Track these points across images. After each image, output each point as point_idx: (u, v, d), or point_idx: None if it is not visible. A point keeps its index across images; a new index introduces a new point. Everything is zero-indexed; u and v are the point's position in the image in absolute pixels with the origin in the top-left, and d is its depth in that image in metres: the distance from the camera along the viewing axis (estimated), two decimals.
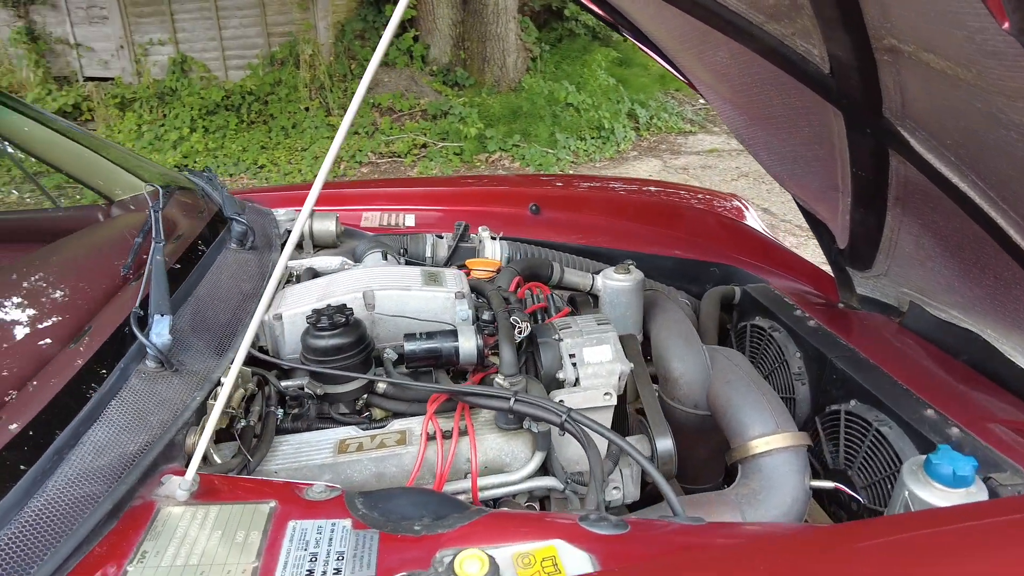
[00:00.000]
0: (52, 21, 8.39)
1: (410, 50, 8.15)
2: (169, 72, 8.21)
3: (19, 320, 1.16)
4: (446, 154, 7.15)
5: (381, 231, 2.05)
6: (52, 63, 8.53)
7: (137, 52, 8.30)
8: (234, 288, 1.42)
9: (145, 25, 8.23)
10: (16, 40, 8.34)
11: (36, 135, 2.02)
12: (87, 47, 8.43)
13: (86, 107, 8.10)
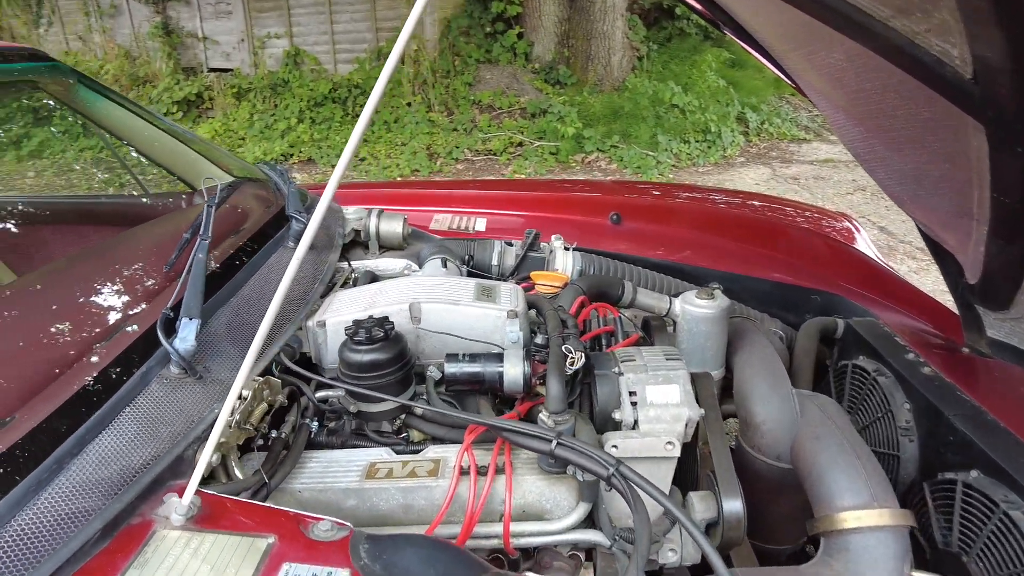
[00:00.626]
0: (185, 16, 8.97)
1: (513, 47, 8.10)
2: (283, 64, 8.57)
3: (61, 313, 1.14)
4: (541, 153, 7.04)
5: (449, 235, 1.96)
6: (182, 55, 9.12)
7: (255, 45, 8.72)
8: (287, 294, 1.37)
9: (264, 19, 8.63)
10: (153, 34, 8.97)
11: (129, 124, 2.07)
12: (213, 40, 8.95)
13: (207, 96, 8.60)
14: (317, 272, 1.50)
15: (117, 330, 1.10)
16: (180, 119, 8.48)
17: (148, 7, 8.98)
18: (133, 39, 9.28)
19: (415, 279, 1.38)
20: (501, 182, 2.42)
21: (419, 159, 6.97)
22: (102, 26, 9.39)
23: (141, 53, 9.23)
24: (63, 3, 9.67)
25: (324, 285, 1.47)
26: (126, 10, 9.23)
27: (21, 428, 0.87)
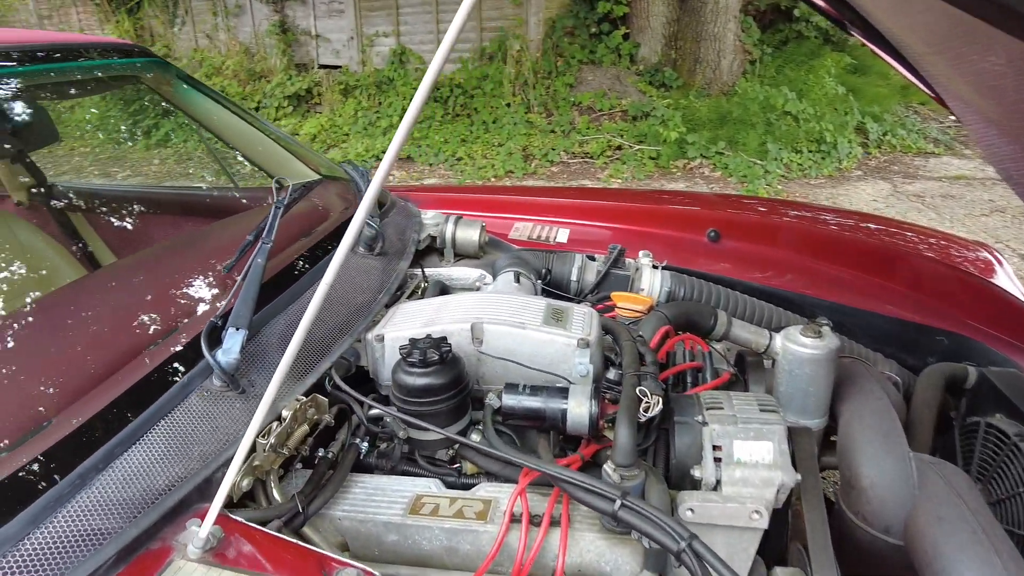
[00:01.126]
0: (300, 15, 9.35)
1: (618, 48, 7.89)
2: (389, 62, 8.76)
3: (122, 312, 1.12)
4: (641, 158, 6.81)
5: (528, 245, 1.84)
6: (295, 52, 9.51)
7: (364, 43, 8.95)
8: (345, 299, 1.30)
9: (374, 18, 8.85)
10: (271, 32, 9.42)
11: (223, 119, 2.10)
12: (325, 38, 9.28)
13: (316, 92, 8.92)
14: (384, 280, 1.42)
15: (168, 334, 1.06)
16: (290, 113, 8.85)
17: (268, 6, 9.43)
18: (253, 36, 9.78)
19: (481, 296, 1.28)
20: (589, 191, 2.28)
21: (514, 160, 6.91)
22: (227, 24, 9.96)
23: (259, 50, 9.71)
24: (195, 4, 10.33)
25: (390, 295, 1.39)
26: (249, 10, 9.73)
27: (53, 436, 0.83)
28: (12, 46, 1.75)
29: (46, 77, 1.83)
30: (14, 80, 1.85)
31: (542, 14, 8.05)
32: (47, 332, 1.04)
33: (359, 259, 1.45)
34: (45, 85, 1.94)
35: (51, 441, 0.81)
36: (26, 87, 1.98)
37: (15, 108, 2.43)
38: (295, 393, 1.03)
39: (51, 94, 2.02)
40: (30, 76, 1.80)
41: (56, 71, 1.83)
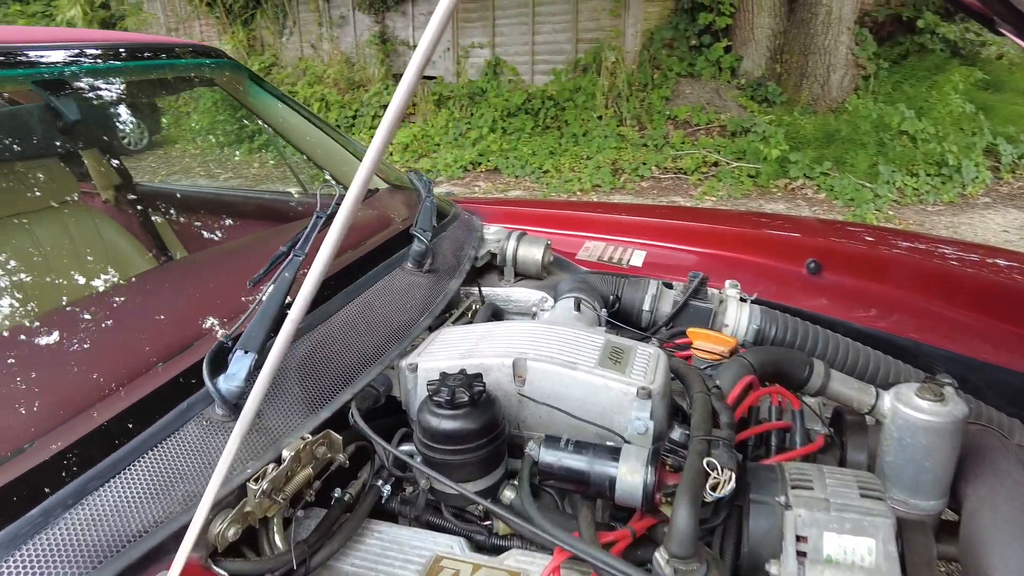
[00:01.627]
0: (399, 26, 9.55)
1: (719, 61, 7.55)
2: (483, 74, 8.78)
3: (141, 323, 1.05)
4: (738, 175, 6.44)
5: (598, 267, 1.67)
6: (393, 62, 9.73)
7: (459, 54, 9.02)
8: (382, 320, 1.18)
9: (470, 29, 8.91)
10: (371, 42, 9.67)
11: (292, 122, 2.06)
12: None
13: (411, 102, 9.05)
14: (430, 300, 1.29)
15: (183, 350, 0.97)
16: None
17: (369, 17, 9.70)
18: (354, 47, 10.08)
19: (531, 326, 1.12)
20: (671, 209, 2.07)
21: (602, 174, 6.72)
22: (331, 35, 10.32)
23: (359, 60, 9.99)
24: (303, 15, 10.79)
25: (434, 317, 1.26)
26: (352, 20, 10.05)
27: (24, 463, 0.74)
28: (91, 44, 1.76)
29: (125, 75, 1.84)
30: (97, 78, 1.87)
31: (640, 25, 7.84)
32: (56, 341, 0.97)
33: (405, 275, 1.33)
34: (125, 83, 1.96)
35: (20, 469, 0.72)
36: (108, 84, 2.01)
37: (100, 106, 2.49)
38: (305, 428, 0.91)
39: (132, 92, 2.03)
40: (110, 73, 1.81)
41: (134, 69, 1.84)
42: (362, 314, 1.15)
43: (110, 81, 1.81)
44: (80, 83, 1.80)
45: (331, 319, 1.11)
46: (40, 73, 1.48)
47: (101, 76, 1.77)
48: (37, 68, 1.62)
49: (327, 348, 1.05)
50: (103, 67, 1.68)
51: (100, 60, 1.73)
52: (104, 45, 1.69)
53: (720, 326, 1.44)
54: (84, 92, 1.98)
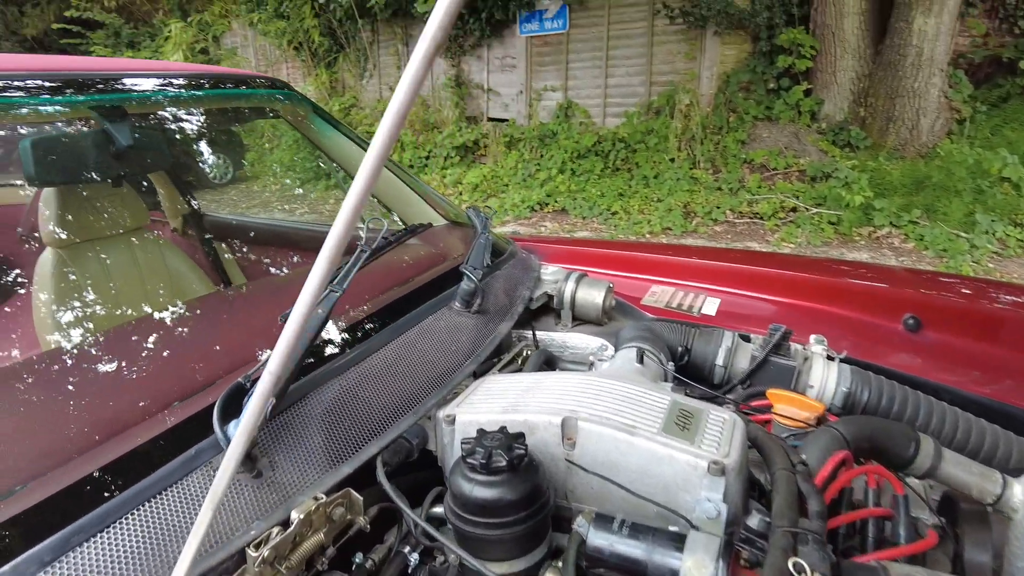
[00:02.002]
0: (475, 69, 9.75)
1: (798, 104, 7.29)
2: (554, 116, 8.81)
3: (170, 356, 0.98)
4: (818, 222, 6.13)
5: (665, 314, 1.52)
6: (467, 104, 9.91)
7: (532, 97, 9.10)
8: (423, 364, 1.07)
9: (544, 73, 8.99)
10: (447, 85, 9.90)
11: (353, 155, 2.03)
12: (495, 92, 9.58)
13: (482, 143, 9.17)
14: (476, 344, 1.18)
15: (204, 388, 0.89)
16: (456, 163, 9.15)
17: (446, 61, 9.95)
18: (430, 89, 10.35)
19: (586, 378, 0.99)
20: (748, 254, 1.90)
21: (674, 216, 6.53)
22: None
23: (435, 102, 10.24)
24: (383, 59, 11.19)
25: (479, 362, 1.14)
26: None
27: (6, 511, 0.66)
28: (160, 72, 1.78)
29: (191, 103, 1.85)
30: (166, 106, 1.89)
31: (716, 69, 7.70)
32: (86, 369, 0.91)
33: (452, 315, 1.22)
34: (193, 112, 1.98)
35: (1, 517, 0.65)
36: (177, 113, 2.03)
37: (171, 135, 2.54)
38: (322, 486, 0.80)
39: (202, 122, 2.06)
40: (177, 101, 1.82)
41: (201, 98, 1.85)
42: (401, 356, 1.05)
43: (178, 110, 1.83)
44: (148, 111, 1.83)
45: (365, 361, 1.01)
46: (105, 101, 1.49)
47: (170, 104, 1.78)
48: (107, 95, 1.64)
49: (358, 393, 0.95)
50: (171, 95, 1.69)
51: (169, 88, 1.75)
52: (171, 74, 1.70)
53: (804, 387, 1.27)
54: (154, 120, 2.02)
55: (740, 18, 7.32)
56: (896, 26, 6.58)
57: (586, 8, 8.42)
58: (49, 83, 1.27)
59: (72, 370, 1.00)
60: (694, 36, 7.74)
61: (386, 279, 1.23)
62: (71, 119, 1.43)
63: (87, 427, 0.79)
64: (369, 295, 1.16)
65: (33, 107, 1.23)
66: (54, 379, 0.93)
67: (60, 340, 1.66)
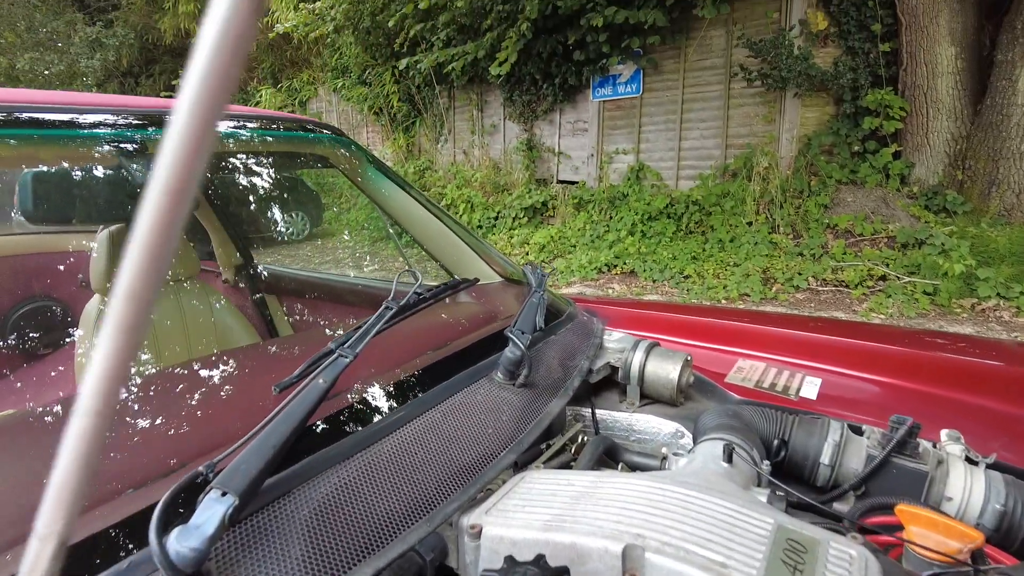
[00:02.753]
0: (546, 133, 9.80)
1: (886, 168, 6.88)
2: (625, 178, 8.67)
3: (147, 430, 0.81)
4: (911, 292, 5.64)
5: (756, 396, 1.26)
6: (538, 167, 9.93)
7: (603, 160, 9.02)
8: (449, 452, 0.86)
9: (615, 136, 8.92)
10: (518, 148, 9.98)
11: (406, 207, 1.89)
12: (566, 155, 9.57)
13: (551, 204, 9.10)
14: (519, 426, 0.96)
15: (166, 474, 0.70)
16: (524, 223, 9.09)
17: (519, 126, 10.06)
18: (503, 153, 10.46)
19: (656, 487, 0.75)
20: (851, 325, 1.61)
21: (751, 282, 6.16)
22: (482, 142, 10.81)
23: (506, 164, 10.32)
24: (458, 124, 11.45)
25: (519, 452, 0.92)
26: (502, 129, 10.49)
27: None
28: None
29: (240, 145, 1.77)
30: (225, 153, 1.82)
31: (796, 131, 7.41)
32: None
33: (493, 388, 1.01)
34: (239, 154, 1.90)
35: None
36: (237, 160, 1.96)
37: (229, 185, 2.49)
38: None
39: (250, 167, 1.98)
40: (232, 143, 1.74)
41: (248, 140, 1.76)
42: (422, 441, 0.84)
43: (227, 151, 1.75)
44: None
45: (375, 447, 0.80)
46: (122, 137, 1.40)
47: (227, 150, 1.70)
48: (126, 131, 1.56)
49: (360, 491, 0.74)
50: (225, 133, 1.61)
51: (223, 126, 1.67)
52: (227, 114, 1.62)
53: (939, 499, 0.98)
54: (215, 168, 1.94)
55: (822, 80, 7.06)
56: (997, 85, 6.17)
57: (660, 72, 8.36)
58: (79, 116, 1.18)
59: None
60: (773, 98, 7.52)
61: (415, 343, 1.04)
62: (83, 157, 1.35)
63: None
64: (391, 362, 0.97)
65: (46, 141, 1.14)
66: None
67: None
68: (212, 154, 1.74)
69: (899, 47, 6.82)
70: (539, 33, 8.63)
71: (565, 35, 8.45)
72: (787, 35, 7.14)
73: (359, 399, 0.87)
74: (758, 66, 7.43)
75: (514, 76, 9.44)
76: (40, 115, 1.10)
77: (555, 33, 8.64)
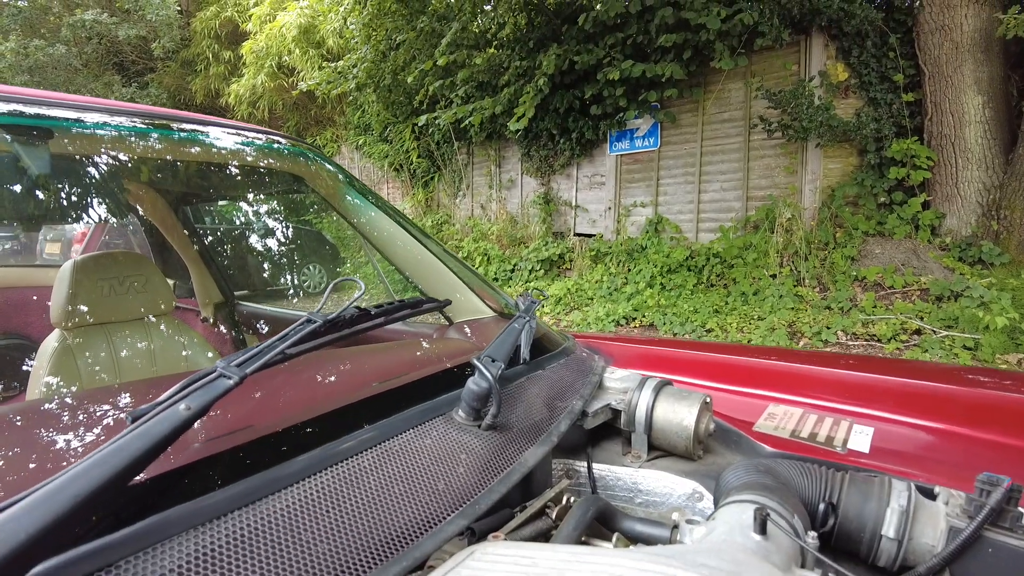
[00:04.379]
0: (563, 187, 9.73)
1: (916, 218, 6.63)
2: (643, 231, 8.50)
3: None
4: (949, 346, 5.29)
5: (793, 449, 1.01)
6: (554, 220, 9.82)
7: (620, 213, 8.88)
8: (375, 514, 0.62)
9: (633, 190, 8.81)
10: (535, 202, 9.92)
11: (386, 230, 1.71)
12: (583, 208, 9.46)
13: (568, 257, 8.94)
14: (479, 483, 0.72)
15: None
16: (541, 276, 8.92)
17: (536, 180, 10.02)
18: (520, 207, 10.39)
19: (658, 569, 0.51)
20: (904, 364, 1.35)
21: (777, 336, 5.87)
22: (499, 196, 10.78)
23: (523, 218, 10.24)
24: (476, 179, 11.47)
25: (472, 517, 0.68)
26: (519, 184, 10.46)
27: None
28: (174, 117, 1.55)
29: (215, 153, 1.61)
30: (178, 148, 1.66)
31: (820, 183, 7.22)
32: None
33: (451, 430, 0.78)
34: (220, 169, 1.74)
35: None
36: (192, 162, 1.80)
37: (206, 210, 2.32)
38: None
39: (219, 177, 1.82)
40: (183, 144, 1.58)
41: (227, 151, 1.60)
42: (338, 495, 0.62)
43: (192, 151, 1.58)
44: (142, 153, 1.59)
45: (279, 495, 0.58)
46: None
47: (182, 145, 1.54)
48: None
49: (245, 555, 0.51)
50: (183, 136, 1.44)
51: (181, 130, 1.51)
52: (190, 119, 1.46)
53: None
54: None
55: (844, 131, 6.90)
56: None
57: (678, 125, 8.29)
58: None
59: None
60: (794, 149, 7.37)
61: (355, 371, 0.82)
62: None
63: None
64: (313, 392, 0.75)
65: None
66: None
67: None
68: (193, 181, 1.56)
69: (923, 97, 6.67)
70: (556, 88, 8.65)
71: (582, 90, 8.46)
72: (807, 86, 7.05)
73: (252, 439, 0.65)
74: (778, 117, 7.32)
75: (531, 131, 9.45)
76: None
77: (572, 88, 8.66)
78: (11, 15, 15.88)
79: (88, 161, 1.69)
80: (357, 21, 10.57)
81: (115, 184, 2.10)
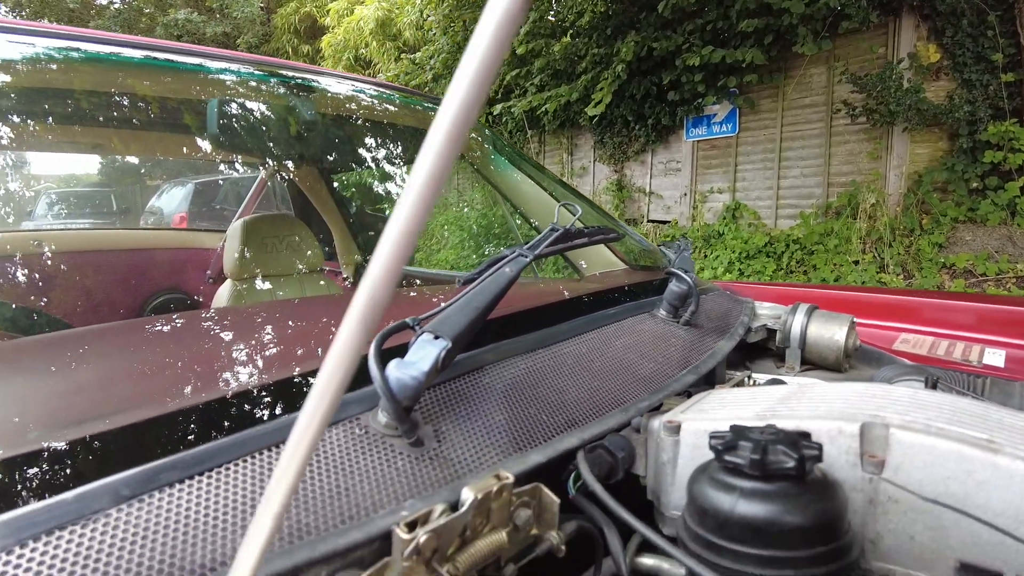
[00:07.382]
0: (637, 174, 9.79)
1: (1012, 204, 6.42)
2: (720, 217, 8.49)
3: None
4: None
5: (930, 363, 1.15)
6: (627, 207, 9.89)
7: (696, 199, 8.89)
8: (624, 365, 0.82)
9: (710, 175, 8.79)
10: (608, 189, 10.01)
11: (534, 194, 1.90)
12: (658, 195, 9.49)
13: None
14: (690, 356, 0.91)
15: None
16: None
17: (609, 167, 10.11)
18: (592, 194, 10.50)
19: (880, 387, 0.68)
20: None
21: None
22: (571, 183, 10.93)
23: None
24: (548, 167, 11.64)
25: (698, 375, 0.87)
26: (592, 171, 10.57)
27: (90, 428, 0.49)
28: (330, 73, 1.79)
29: (359, 106, 1.84)
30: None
31: (905, 168, 7.06)
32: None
33: (656, 323, 0.97)
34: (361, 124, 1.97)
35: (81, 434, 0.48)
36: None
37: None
38: (498, 467, 0.56)
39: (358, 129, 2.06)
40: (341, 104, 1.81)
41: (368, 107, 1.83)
42: (596, 350, 0.82)
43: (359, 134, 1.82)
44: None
45: (555, 347, 0.78)
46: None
47: (300, 91, 1.78)
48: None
49: (547, 378, 0.72)
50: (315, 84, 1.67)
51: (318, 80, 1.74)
52: (334, 74, 1.69)
53: None
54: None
55: (935, 114, 6.73)
56: None
57: (757, 111, 8.24)
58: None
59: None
60: (878, 134, 7.22)
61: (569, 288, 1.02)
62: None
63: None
64: (556, 284, 0.95)
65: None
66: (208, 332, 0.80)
67: None
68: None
69: (1023, 77, 6.44)
70: (633, 75, 8.72)
71: (659, 76, 8.50)
72: (895, 69, 6.90)
73: (536, 306, 0.86)
74: (863, 101, 7.19)
75: (606, 118, 9.54)
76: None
77: (649, 75, 8.70)
78: (112, 16, 16.96)
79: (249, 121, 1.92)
80: (436, 13, 10.88)
81: (278, 148, 2.35)
